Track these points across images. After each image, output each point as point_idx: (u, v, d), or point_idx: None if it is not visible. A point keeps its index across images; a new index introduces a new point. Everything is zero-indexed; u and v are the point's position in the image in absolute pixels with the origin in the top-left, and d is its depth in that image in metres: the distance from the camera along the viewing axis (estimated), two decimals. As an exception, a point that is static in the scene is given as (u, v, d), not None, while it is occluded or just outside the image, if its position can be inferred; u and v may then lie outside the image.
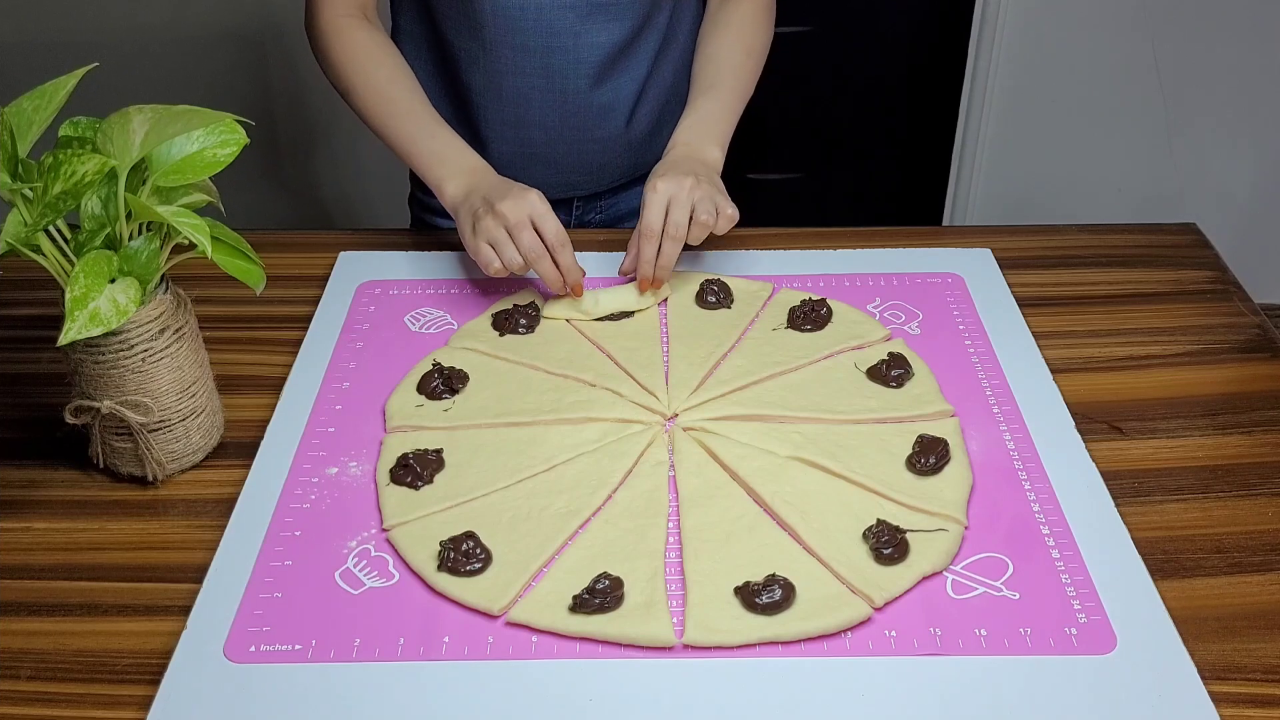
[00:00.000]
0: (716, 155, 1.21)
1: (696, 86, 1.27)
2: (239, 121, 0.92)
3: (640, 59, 1.28)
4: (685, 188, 1.12)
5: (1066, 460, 0.97)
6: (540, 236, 1.09)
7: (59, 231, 0.89)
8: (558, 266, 1.10)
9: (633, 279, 1.16)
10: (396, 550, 0.90)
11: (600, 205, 1.40)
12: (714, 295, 1.16)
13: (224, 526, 0.92)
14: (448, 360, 1.08)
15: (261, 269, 0.96)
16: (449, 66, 1.29)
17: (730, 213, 1.13)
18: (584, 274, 1.13)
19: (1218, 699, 0.78)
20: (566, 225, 1.15)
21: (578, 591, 0.84)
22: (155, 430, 0.95)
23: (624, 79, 1.28)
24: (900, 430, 1.00)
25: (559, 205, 1.36)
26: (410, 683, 0.79)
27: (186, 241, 0.88)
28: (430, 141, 1.20)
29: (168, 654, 0.82)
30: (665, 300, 1.18)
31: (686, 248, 1.14)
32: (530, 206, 1.09)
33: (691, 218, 1.11)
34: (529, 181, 1.14)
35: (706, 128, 1.22)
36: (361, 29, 1.24)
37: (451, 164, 1.18)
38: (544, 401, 1.04)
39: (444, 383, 1.05)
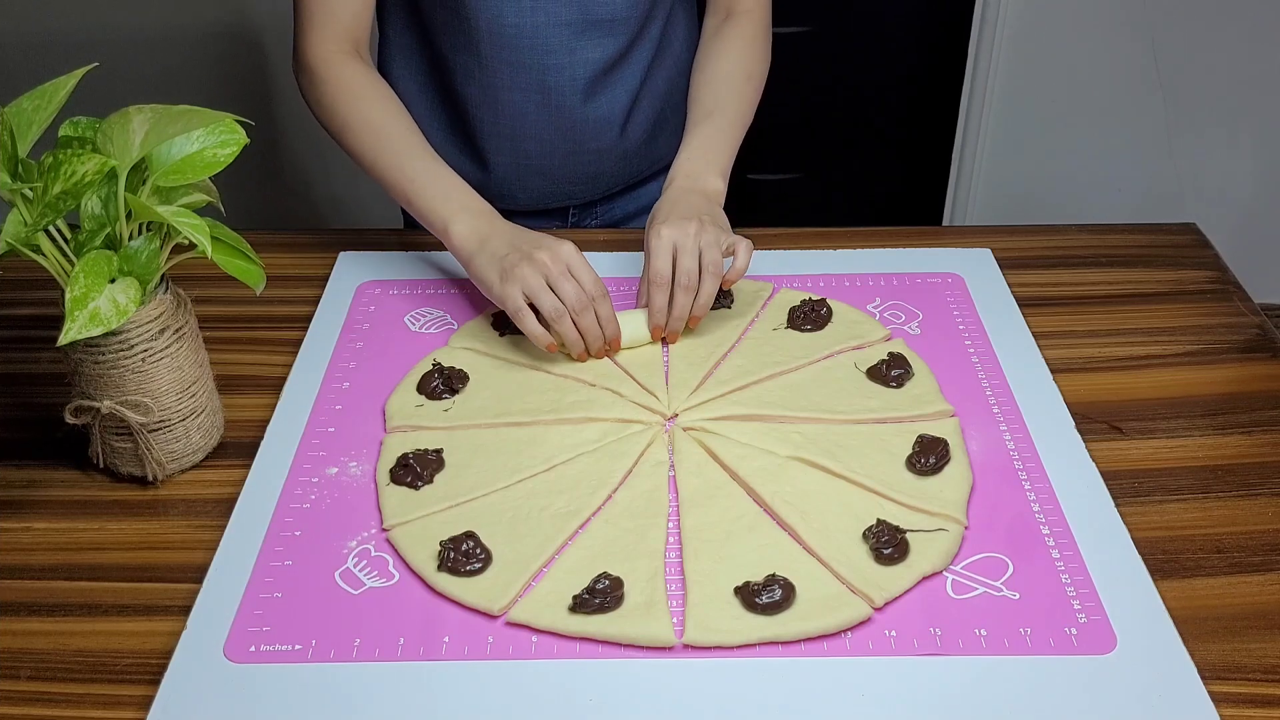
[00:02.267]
0: (719, 185, 1.17)
1: (696, 112, 1.23)
2: (239, 121, 0.92)
3: (633, 71, 1.28)
4: (690, 233, 1.07)
5: (1066, 460, 0.97)
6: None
7: (59, 231, 0.89)
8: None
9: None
10: (396, 550, 0.90)
11: (596, 212, 1.40)
12: (714, 295, 1.16)
13: (224, 526, 0.92)
14: (448, 360, 1.08)
15: (261, 269, 0.96)
16: (443, 79, 1.27)
17: (742, 249, 1.09)
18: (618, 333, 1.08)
19: (1218, 699, 0.78)
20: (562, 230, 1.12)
21: (578, 591, 0.84)
22: (155, 430, 0.95)
23: (618, 91, 1.27)
24: (900, 430, 1.00)
25: (555, 214, 1.36)
26: (410, 683, 0.79)
27: (186, 241, 0.88)
28: (431, 180, 1.12)
29: (168, 654, 0.82)
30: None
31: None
32: (567, 257, 1.04)
33: (701, 267, 1.07)
34: (525, 191, 1.11)
35: (708, 157, 1.18)
36: (351, 65, 1.18)
37: (456, 202, 1.11)
38: (544, 401, 1.04)
39: (444, 383, 1.05)
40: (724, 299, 1.16)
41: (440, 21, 1.22)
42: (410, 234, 1.34)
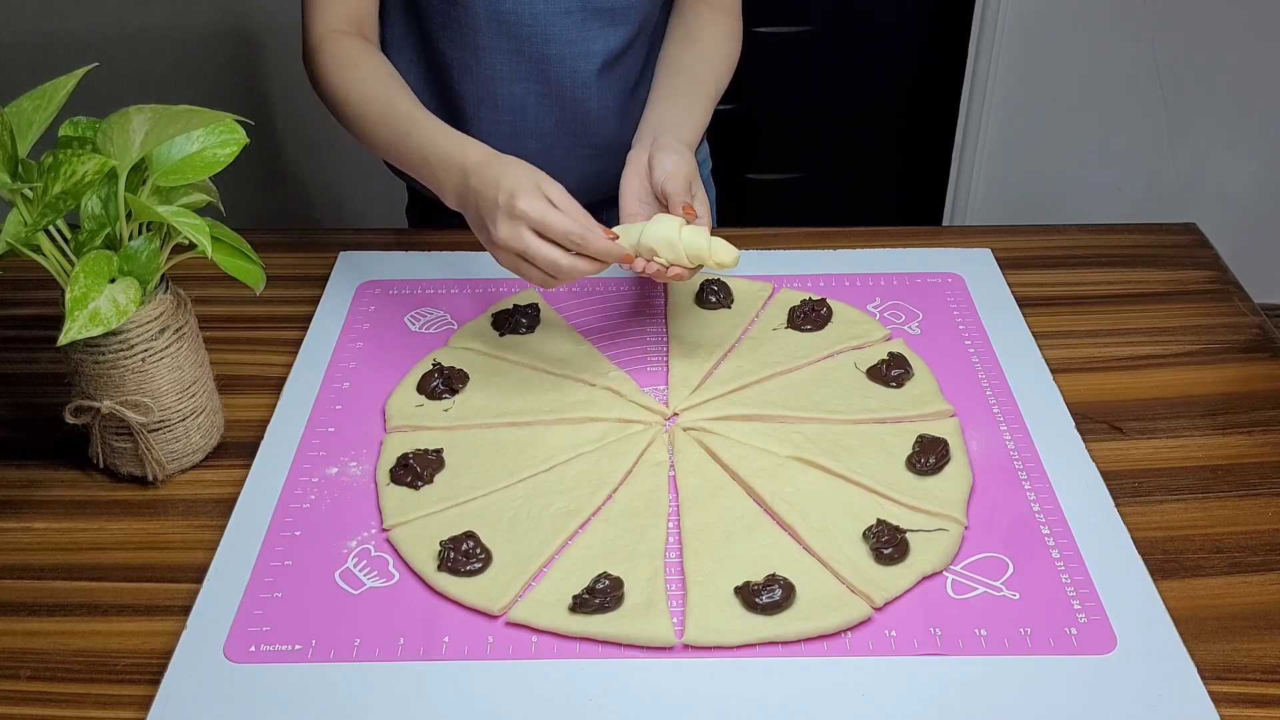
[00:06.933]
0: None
1: (658, 92, 1.18)
2: (239, 121, 0.92)
3: (637, 64, 1.27)
4: (696, 175, 1.05)
5: (1066, 460, 0.97)
6: (554, 240, 0.97)
7: (59, 231, 0.90)
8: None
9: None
10: (396, 550, 0.90)
11: (602, 220, 1.39)
12: (714, 295, 1.16)
13: (224, 526, 0.92)
14: (448, 360, 1.08)
15: (261, 269, 0.96)
16: (441, 77, 1.26)
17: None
18: (615, 238, 1.00)
19: (1218, 699, 0.78)
20: None
21: (578, 591, 0.84)
22: (155, 430, 0.95)
23: (622, 84, 1.27)
24: (900, 430, 1.00)
25: None
26: (410, 683, 0.80)
27: (186, 241, 0.88)
28: (418, 134, 1.07)
29: (168, 654, 0.82)
30: (667, 300, 1.18)
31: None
32: (535, 219, 0.96)
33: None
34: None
35: (675, 128, 1.12)
36: (348, 41, 1.16)
37: (438, 161, 1.05)
38: (544, 401, 1.04)
39: (444, 383, 1.05)
40: (724, 299, 1.16)
41: (437, 13, 1.22)
42: (410, 234, 1.34)
